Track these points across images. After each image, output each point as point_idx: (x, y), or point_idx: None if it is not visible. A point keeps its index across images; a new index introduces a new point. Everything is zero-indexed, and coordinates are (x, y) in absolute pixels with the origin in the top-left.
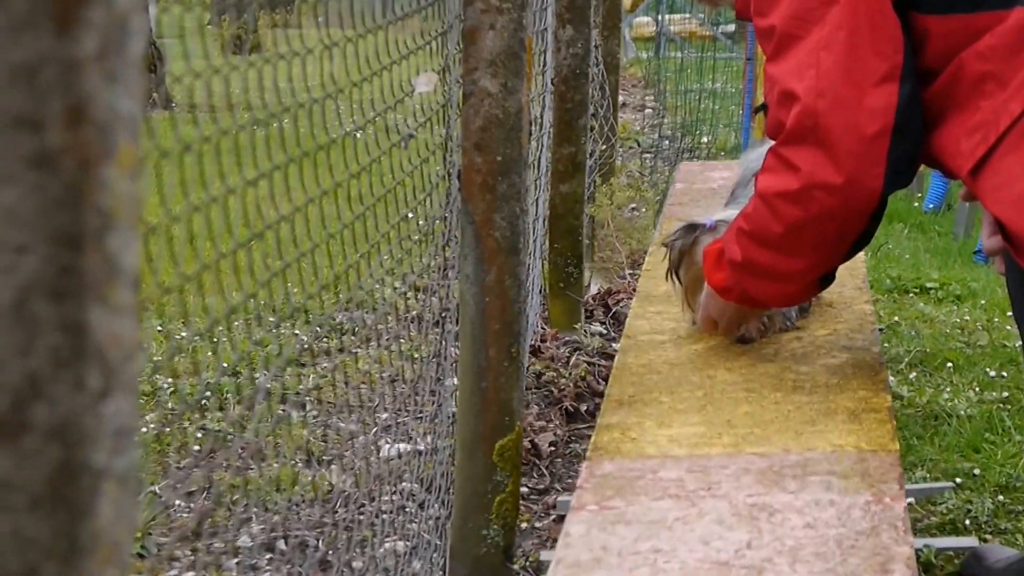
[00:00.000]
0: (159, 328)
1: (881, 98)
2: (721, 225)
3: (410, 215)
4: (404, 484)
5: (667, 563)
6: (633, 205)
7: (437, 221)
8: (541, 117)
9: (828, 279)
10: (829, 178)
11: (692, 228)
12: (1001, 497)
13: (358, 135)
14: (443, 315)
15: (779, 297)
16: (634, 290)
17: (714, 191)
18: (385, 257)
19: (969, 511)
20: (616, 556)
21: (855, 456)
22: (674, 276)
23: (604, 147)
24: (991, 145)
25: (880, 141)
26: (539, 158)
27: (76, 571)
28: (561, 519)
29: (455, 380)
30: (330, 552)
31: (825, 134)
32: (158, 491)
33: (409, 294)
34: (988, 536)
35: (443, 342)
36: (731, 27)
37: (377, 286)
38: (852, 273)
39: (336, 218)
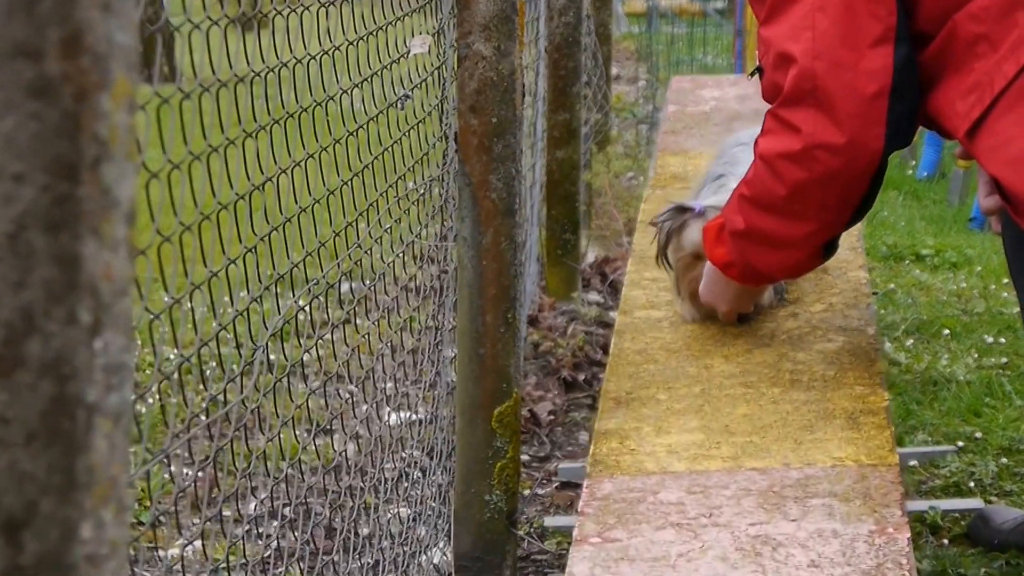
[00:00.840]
0: (169, 299)
1: (877, 60)
2: (710, 211)
3: (407, 175)
4: (407, 452)
5: None
6: (631, 174)
7: (434, 183)
8: (536, 84)
9: (831, 247)
10: (831, 138)
11: (681, 210)
12: (1004, 460)
13: (354, 94)
14: (441, 278)
15: (783, 267)
16: None
17: (707, 116)
18: (383, 218)
19: (973, 473)
20: None
21: (855, 473)
22: (663, 259)
23: (599, 115)
24: (987, 106)
25: (879, 102)
26: (535, 124)
27: (74, 506)
28: (563, 485)
29: (454, 349)
30: (336, 519)
31: (824, 96)
32: (165, 459)
33: (407, 258)
34: (993, 498)
35: (441, 309)
36: (720, 3)
37: (375, 245)
38: (847, 233)
39: (335, 174)
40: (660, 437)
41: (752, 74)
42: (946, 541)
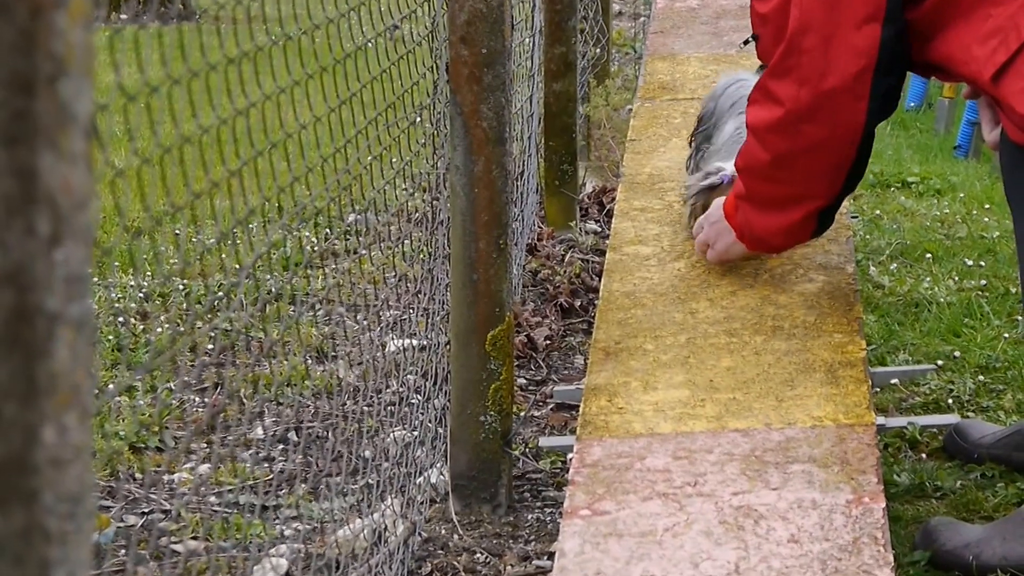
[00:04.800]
0: (177, 232)
1: (863, 39)
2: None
3: (396, 103)
4: (406, 377)
5: None
6: (630, 107)
7: (424, 111)
8: (533, 17)
9: (827, 217)
10: (813, 113)
11: (709, 188)
12: (982, 377)
13: (342, 23)
14: (434, 204)
15: (779, 231)
16: None
17: (694, 14)
18: (372, 144)
19: (951, 391)
20: None
21: (834, 435)
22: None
23: (596, 49)
24: (1014, 50)
25: (863, 78)
26: (532, 57)
27: (35, 411)
28: (559, 407)
29: (447, 275)
30: (339, 442)
31: (809, 70)
32: (172, 388)
33: (401, 185)
34: (971, 413)
35: (434, 236)
36: None
37: (364, 171)
38: None
39: (323, 102)
40: (647, 394)
41: (745, 43)
42: (924, 455)
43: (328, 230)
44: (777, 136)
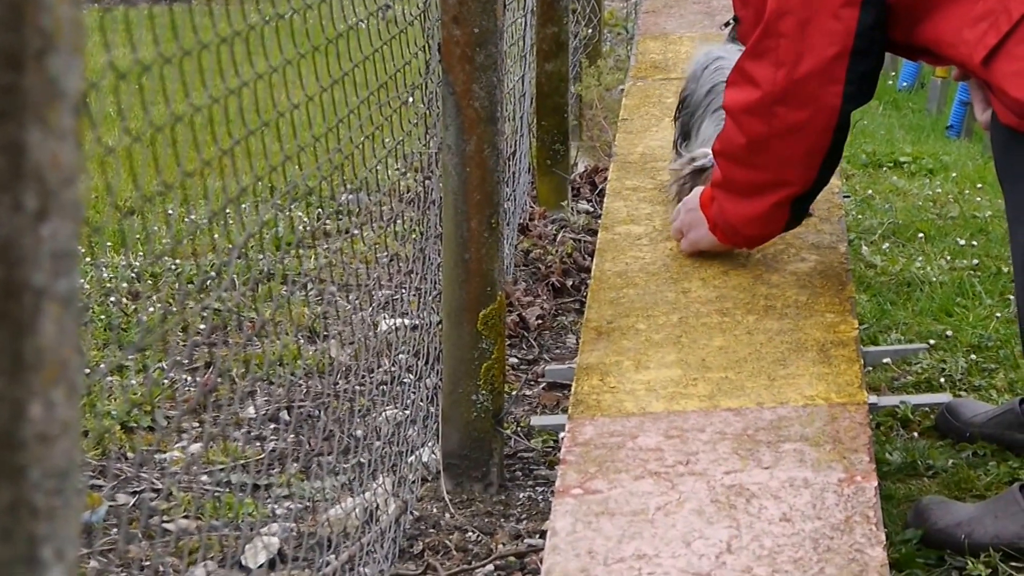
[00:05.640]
0: (169, 212)
1: (840, 23)
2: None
3: (388, 83)
4: (398, 356)
5: (651, 574)
6: (622, 87)
7: (416, 90)
8: None
9: (802, 207)
10: (788, 95)
11: (694, 174)
12: (974, 356)
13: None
14: (426, 184)
15: (753, 219)
16: None
17: None
18: (364, 124)
19: (943, 370)
20: (602, 565)
21: (826, 414)
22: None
23: (588, 29)
24: (1004, 33)
25: (839, 62)
26: (524, 37)
27: (22, 386)
28: (550, 386)
29: (439, 254)
30: (331, 421)
31: (785, 53)
32: (164, 367)
33: (393, 165)
34: (963, 392)
35: (426, 216)
36: None
37: (356, 151)
38: None
39: (315, 80)
40: (639, 373)
41: (727, 25)
42: (915, 434)
43: (320, 210)
44: (753, 118)
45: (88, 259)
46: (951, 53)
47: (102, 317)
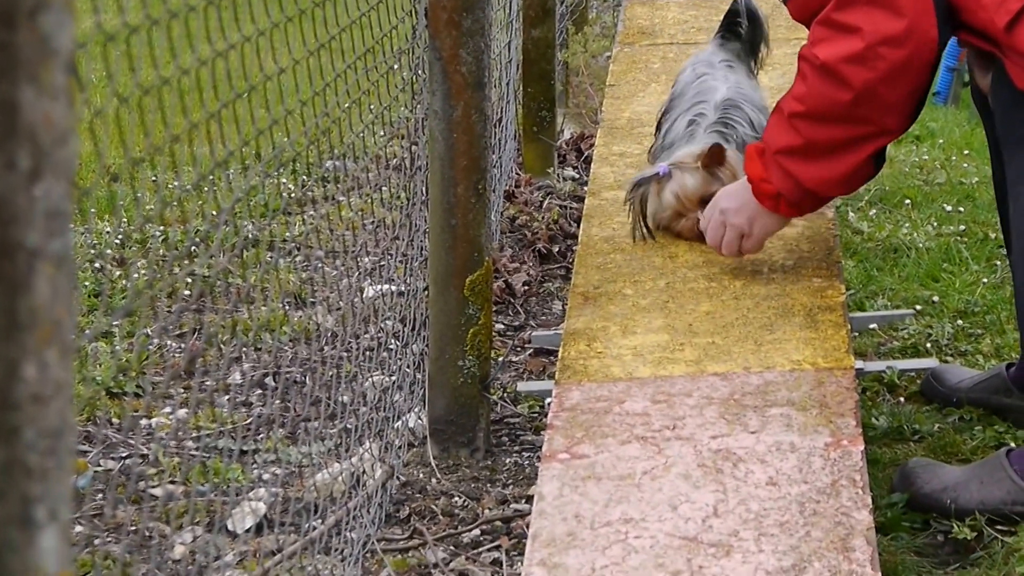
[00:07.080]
0: (153, 179)
1: None
2: (675, 169)
3: (375, 47)
4: (385, 322)
5: (638, 538)
6: (608, 54)
7: (403, 56)
8: None
9: (882, 157)
10: (893, 31)
11: (646, 180)
12: (960, 322)
13: None
14: (412, 150)
15: (837, 180)
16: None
17: None
18: (351, 89)
19: (930, 335)
20: (589, 529)
21: (813, 378)
22: (643, 227)
23: None
24: None
25: None
26: (511, 2)
27: (16, 345)
28: (537, 352)
29: (426, 220)
30: (317, 387)
31: None
32: (150, 333)
33: (379, 131)
34: (949, 358)
35: (413, 182)
36: None
37: (343, 116)
38: None
39: (301, 44)
40: (626, 338)
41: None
42: (902, 399)
43: (306, 176)
44: (859, 66)
45: (74, 225)
46: (970, 19)
47: (88, 283)
